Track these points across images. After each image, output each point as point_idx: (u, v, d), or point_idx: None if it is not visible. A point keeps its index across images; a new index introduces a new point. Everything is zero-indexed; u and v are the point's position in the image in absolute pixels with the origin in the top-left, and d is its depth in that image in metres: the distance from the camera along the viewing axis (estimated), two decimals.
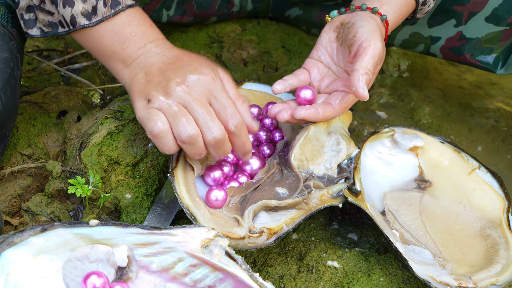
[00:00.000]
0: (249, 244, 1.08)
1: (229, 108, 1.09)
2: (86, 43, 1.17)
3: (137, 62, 1.14)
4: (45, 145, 1.32)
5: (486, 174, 1.31)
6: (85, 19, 1.13)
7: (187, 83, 1.08)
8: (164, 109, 1.06)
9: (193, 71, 1.09)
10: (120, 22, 1.14)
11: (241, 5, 1.72)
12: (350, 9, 1.26)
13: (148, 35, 1.15)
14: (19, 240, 0.94)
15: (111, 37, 1.14)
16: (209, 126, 1.06)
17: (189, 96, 1.07)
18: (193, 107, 1.06)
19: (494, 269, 1.15)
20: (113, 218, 1.25)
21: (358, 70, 1.15)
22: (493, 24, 1.44)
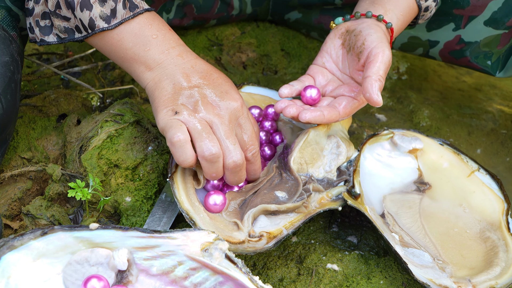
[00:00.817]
0: (249, 248, 1.08)
1: (250, 136, 1.13)
2: (105, 47, 1.17)
3: (161, 67, 1.14)
4: (45, 148, 1.33)
5: (485, 176, 1.31)
6: (104, 22, 1.13)
7: (218, 104, 1.11)
8: (190, 123, 1.08)
9: (224, 94, 1.12)
10: (140, 25, 1.14)
11: (240, 8, 1.72)
12: (355, 16, 1.27)
13: (170, 39, 1.16)
14: (19, 244, 0.95)
15: (131, 39, 1.14)
16: (231, 150, 1.08)
17: (218, 118, 1.09)
18: (219, 129, 1.09)
19: (494, 272, 1.15)
20: (113, 221, 1.25)
21: (371, 77, 1.15)
22: (492, 28, 1.44)
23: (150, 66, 1.15)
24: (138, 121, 1.30)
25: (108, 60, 1.73)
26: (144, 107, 1.56)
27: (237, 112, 1.12)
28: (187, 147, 1.07)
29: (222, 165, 1.09)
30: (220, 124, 1.09)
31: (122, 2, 1.13)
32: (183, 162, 1.08)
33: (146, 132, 1.30)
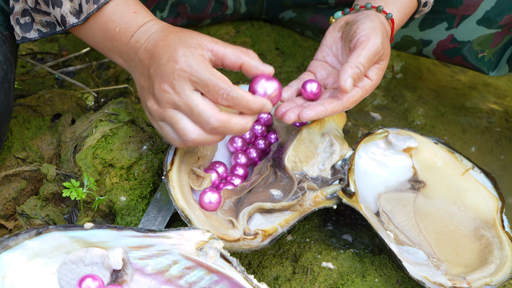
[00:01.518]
0: (244, 246, 1.08)
1: (210, 85, 1.04)
2: (85, 40, 1.18)
3: (130, 59, 1.13)
4: (39, 148, 1.32)
5: (479, 174, 1.32)
6: (74, 18, 1.13)
7: (167, 85, 1.05)
8: (164, 120, 1.08)
9: (166, 66, 1.05)
10: (104, 19, 1.13)
11: (234, 8, 1.72)
12: (354, 9, 1.26)
13: (130, 26, 1.13)
14: (14, 244, 0.95)
15: (101, 34, 1.14)
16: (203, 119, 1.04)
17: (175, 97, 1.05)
18: (180, 106, 1.05)
19: (488, 269, 1.15)
20: (108, 221, 1.25)
21: (348, 63, 1.14)
22: (485, 27, 1.45)
23: (123, 57, 1.15)
24: (132, 121, 1.30)
25: (102, 59, 1.73)
26: (138, 106, 1.56)
27: (182, 73, 1.04)
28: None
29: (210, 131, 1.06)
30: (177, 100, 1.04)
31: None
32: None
33: (141, 131, 1.29)
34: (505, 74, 1.54)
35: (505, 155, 1.61)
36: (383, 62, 1.21)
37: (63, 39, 1.86)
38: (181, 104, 1.04)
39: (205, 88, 1.04)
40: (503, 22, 1.42)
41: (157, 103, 1.07)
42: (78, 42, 1.85)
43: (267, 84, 1.10)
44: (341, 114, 1.34)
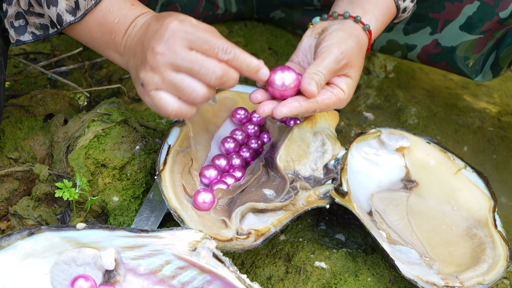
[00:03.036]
0: (237, 245, 1.08)
1: (210, 41, 1.03)
2: (81, 39, 1.17)
3: (127, 48, 1.12)
4: (31, 148, 1.32)
5: (472, 173, 1.32)
6: (71, 16, 1.12)
7: (161, 46, 1.03)
8: (161, 87, 1.04)
9: (158, 33, 1.04)
10: (102, 12, 1.13)
11: (225, 7, 1.72)
12: (332, 16, 1.24)
13: (129, 17, 1.13)
14: (6, 244, 0.94)
15: (99, 29, 1.13)
16: (204, 72, 1.02)
17: (172, 57, 1.02)
18: (179, 65, 1.02)
19: (481, 268, 1.15)
20: (100, 221, 1.25)
21: (307, 72, 1.13)
22: (467, 33, 1.45)
23: (120, 51, 1.14)
24: (125, 121, 1.30)
25: (95, 59, 1.73)
26: (131, 106, 1.56)
27: (179, 34, 1.03)
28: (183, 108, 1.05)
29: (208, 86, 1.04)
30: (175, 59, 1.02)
31: None
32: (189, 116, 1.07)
33: (134, 131, 1.29)
34: (489, 79, 1.55)
35: (497, 154, 1.62)
36: (352, 73, 1.19)
37: (56, 39, 1.85)
38: (180, 61, 1.02)
39: (203, 45, 1.03)
40: (485, 28, 1.43)
41: (152, 69, 1.04)
42: (70, 42, 1.84)
43: (285, 75, 1.11)
44: (333, 113, 1.34)
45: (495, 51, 1.49)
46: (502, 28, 1.43)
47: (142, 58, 1.05)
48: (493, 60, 1.50)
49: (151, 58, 1.03)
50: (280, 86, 1.12)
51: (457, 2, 1.42)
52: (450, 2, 1.42)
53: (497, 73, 1.52)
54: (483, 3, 1.40)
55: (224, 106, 1.32)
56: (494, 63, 1.50)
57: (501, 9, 1.39)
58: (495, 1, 1.39)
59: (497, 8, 1.39)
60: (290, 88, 1.12)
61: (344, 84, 1.17)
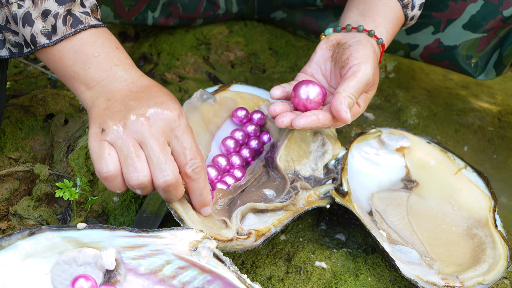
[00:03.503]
0: (237, 246, 1.08)
1: (190, 150, 1.03)
2: (49, 64, 1.10)
3: (100, 85, 1.06)
4: (32, 148, 1.32)
5: (472, 173, 1.32)
6: (46, 38, 1.06)
7: (148, 115, 1.01)
8: (117, 145, 1.00)
9: (158, 104, 1.02)
10: (81, 42, 1.07)
11: (226, 7, 1.72)
12: (346, 29, 1.25)
13: (113, 58, 1.08)
14: (7, 244, 0.94)
15: (72, 57, 1.07)
16: (162, 168, 0.99)
17: (147, 131, 1.00)
18: (148, 144, 1.00)
19: (481, 268, 1.15)
20: (101, 221, 1.25)
21: (341, 93, 1.14)
22: (471, 31, 1.45)
23: (90, 85, 1.06)
24: None
25: None
26: None
27: (172, 123, 1.02)
28: (118, 180, 1.00)
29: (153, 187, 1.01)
30: (149, 138, 1.00)
31: (62, 18, 1.06)
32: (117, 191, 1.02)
33: None
34: (492, 78, 1.54)
35: (498, 154, 1.62)
36: (371, 92, 1.22)
37: None
38: (152, 144, 1.00)
39: (181, 148, 1.02)
40: (489, 26, 1.43)
41: (124, 127, 1.00)
42: None
43: (310, 89, 1.16)
44: None
45: (498, 50, 1.49)
46: (505, 27, 1.43)
47: (123, 112, 1.01)
48: (497, 58, 1.50)
49: (130, 119, 1.00)
50: (305, 100, 1.17)
51: (461, 1, 1.42)
52: (453, 1, 1.42)
53: (500, 71, 1.52)
54: (487, 2, 1.39)
55: (225, 106, 1.32)
56: (497, 61, 1.50)
57: (505, 7, 1.39)
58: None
59: (501, 6, 1.39)
60: (315, 101, 1.17)
61: (362, 101, 1.21)
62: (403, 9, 1.28)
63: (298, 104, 1.18)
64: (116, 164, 0.99)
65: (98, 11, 1.12)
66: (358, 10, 1.27)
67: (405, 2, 1.27)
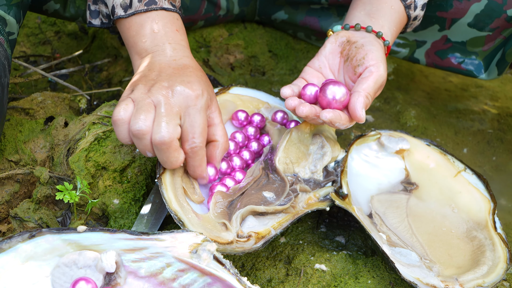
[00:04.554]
0: (237, 248, 1.08)
1: (196, 129, 1.11)
2: (121, 32, 1.25)
3: (149, 56, 1.19)
4: (32, 151, 1.32)
5: (471, 176, 1.32)
6: (122, 10, 1.21)
7: (171, 88, 1.10)
8: (136, 100, 1.09)
9: (184, 83, 1.11)
10: (148, 19, 1.21)
11: (228, 8, 1.72)
12: (355, 28, 1.27)
13: (169, 37, 1.20)
14: (7, 247, 0.94)
15: (136, 28, 1.21)
16: (161, 125, 1.06)
17: (164, 98, 1.08)
18: (160, 107, 1.08)
19: (481, 271, 1.15)
20: (101, 223, 1.25)
21: (360, 92, 1.16)
22: (476, 30, 1.46)
23: (141, 54, 1.20)
24: None
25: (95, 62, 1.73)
26: None
27: (189, 101, 1.10)
28: (124, 127, 1.08)
29: (150, 142, 1.08)
30: (164, 103, 1.08)
31: None
32: (122, 140, 1.11)
33: None
34: (494, 77, 1.55)
35: (497, 156, 1.62)
36: (378, 93, 1.24)
37: (56, 42, 1.85)
38: (162, 106, 1.08)
39: (188, 125, 1.10)
40: (494, 25, 1.43)
41: (149, 91, 1.10)
42: (71, 44, 1.85)
43: (336, 88, 1.17)
44: None
45: (502, 49, 1.50)
46: (510, 27, 1.44)
47: (153, 81, 1.12)
48: (500, 57, 1.51)
49: (156, 85, 1.11)
50: (332, 100, 1.18)
51: (465, 1, 1.42)
52: (457, 0, 1.43)
53: (502, 70, 1.53)
54: (491, 1, 1.40)
55: (224, 109, 1.32)
56: (500, 59, 1.51)
57: (509, 6, 1.39)
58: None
59: (504, 6, 1.39)
60: (341, 101, 1.18)
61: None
62: (405, 9, 1.30)
63: (322, 103, 1.20)
64: (128, 114, 1.08)
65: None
66: (365, 10, 1.29)
67: (408, 2, 1.29)
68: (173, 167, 1.11)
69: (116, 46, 1.77)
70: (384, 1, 1.29)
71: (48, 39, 1.86)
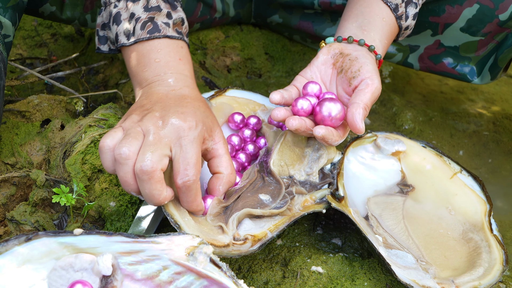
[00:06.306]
0: (234, 251, 1.08)
1: (189, 160, 1.04)
2: (125, 62, 1.24)
3: (148, 86, 1.17)
4: (28, 154, 1.32)
5: (467, 178, 1.33)
6: (125, 38, 1.20)
7: (162, 120, 1.06)
8: (126, 129, 1.06)
9: (178, 113, 1.07)
10: (150, 47, 1.19)
11: (223, 11, 1.73)
12: (348, 40, 1.27)
13: (172, 66, 1.18)
14: (3, 250, 0.94)
15: (137, 58, 1.19)
16: (145, 154, 1.01)
17: (154, 128, 1.04)
18: (149, 137, 1.03)
19: (477, 273, 1.15)
20: (97, 226, 1.25)
21: (358, 104, 1.16)
22: (469, 34, 1.46)
23: (142, 84, 1.19)
24: None
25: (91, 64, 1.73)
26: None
27: (181, 132, 1.05)
28: (109, 154, 1.04)
29: (132, 170, 1.03)
30: (153, 133, 1.03)
31: (142, 23, 1.19)
32: (106, 168, 1.06)
33: None
34: (487, 82, 1.56)
35: (493, 158, 1.62)
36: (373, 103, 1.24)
37: (52, 44, 1.85)
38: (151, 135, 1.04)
39: (180, 157, 1.04)
40: (486, 30, 1.44)
41: (140, 120, 1.07)
42: (67, 47, 1.85)
43: (331, 105, 1.17)
44: None
45: (494, 54, 1.50)
46: (502, 31, 1.44)
47: (147, 111, 1.09)
48: (492, 62, 1.51)
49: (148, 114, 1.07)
50: (327, 117, 1.18)
51: (457, 5, 1.43)
52: (449, 5, 1.43)
53: (495, 75, 1.53)
54: (483, 6, 1.41)
55: (220, 111, 1.32)
56: (493, 64, 1.52)
57: (501, 11, 1.40)
58: (494, 3, 1.40)
59: (496, 10, 1.40)
60: (336, 118, 1.19)
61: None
62: (397, 20, 1.30)
63: (317, 120, 1.20)
64: (114, 141, 1.04)
65: (183, 25, 1.24)
66: (357, 22, 1.29)
67: (399, 13, 1.29)
68: (157, 204, 1.05)
69: None
70: (376, 13, 1.29)
71: (45, 42, 1.85)
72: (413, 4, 1.31)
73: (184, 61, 1.21)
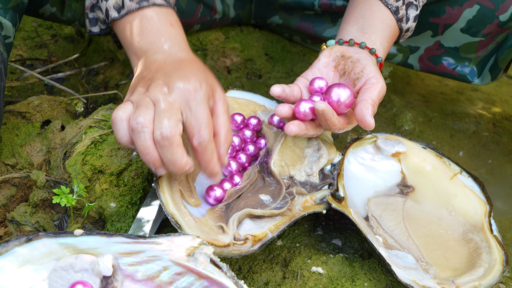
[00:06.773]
0: (234, 251, 1.08)
1: (201, 122, 1.06)
2: (118, 35, 1.25)
3: (145, 56, 1.17)
4: (29, 155, 1.32)
5: (467, 178, 1.33)
6: (116, 12, 1.21)
7: (168, 86, 1.07)
8: (135, 100, 1.07)
9: (180, 77, 1.08)
10: (141, 17, 1.20)
11: (223, 12, 1.73)
12: (349, 43, 1.28)
13: (164, 33, 1.19)
14: (4, 251, 0.94)
15: (130, 28, 1.20)
16: (162, 121, 1.03)
17: (162, 96, 1.05)
18: (160, 105, 1.05)
19: (477, 273, 1.16)
20: (97, 227, 1.25)
21: (367, 100, 1.17)
22: (469, 35, 1.47)
23: (138, 54, 1.19)
24: None
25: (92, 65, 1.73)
26: None
27: (188, 95, 1.06)
28: (123, 124, 1.05)
29: (151, 138, 1.04)
30: (163, 100, 1.05)
31: None
32: (120, 140, 1.07)
33: None
34: (487, 83, 1.56)
35: (493, 159, 1.62)
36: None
37: (53, 45, 1.85)
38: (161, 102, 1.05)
39: (192, 120, 1.06)
40: (486, 30, 1.44)
41: (146, 90, 1.08)
42: (67, 48, 1.85)
43: (340, 91, 1.19)
44: None
45: (495, 55, 1.50)
46: (502, 32, 1.44)
47: (150, 80, 1.10)
48: (493, 62, 1.51)
49: (153, 85, 1.08)
50: (335, 102, 1.19)
51: (457, 6, 1.43)
52: (450, 6, 1.44)
53: (495, 75, 1.53)
54: (483, 7, 1.41)
55: None
56: (493, 65, 1.52)
57: (501, 12, 1.40)
58: (494, 4, 1.40)
59: (497, 11, 1.40)
60: (345, 104, 1.20)
61: None
62: (398, 22, 1.30)
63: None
64: (126, 113, 1.06)
65: None
66: (358, 25, 1.29)
67: (400, 16, 1.30)
68: (180, 169, 1.05)
69: (113, 49, 1.77)
70: (377, 16, 1.30)
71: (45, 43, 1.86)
72: (414, 6, 1.31)
73: (175, 26, 1.22)
